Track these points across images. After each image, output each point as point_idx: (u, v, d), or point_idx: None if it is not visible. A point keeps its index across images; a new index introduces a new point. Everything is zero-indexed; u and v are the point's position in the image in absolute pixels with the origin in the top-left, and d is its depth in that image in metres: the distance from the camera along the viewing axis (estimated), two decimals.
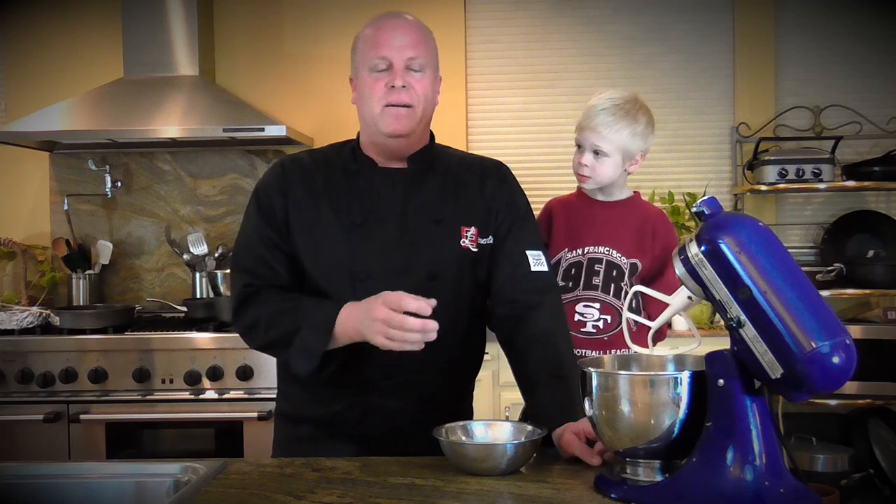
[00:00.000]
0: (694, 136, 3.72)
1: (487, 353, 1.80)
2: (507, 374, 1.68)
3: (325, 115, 3.66)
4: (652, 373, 1.29)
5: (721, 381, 1.17)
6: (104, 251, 3.63)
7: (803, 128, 3.65)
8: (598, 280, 1.97)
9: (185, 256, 3.56)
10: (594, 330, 1.96)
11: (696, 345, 1.30)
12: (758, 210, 3.64)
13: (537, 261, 1.68)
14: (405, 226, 1.64)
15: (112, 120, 3.26)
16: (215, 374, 2.96)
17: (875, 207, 3.65)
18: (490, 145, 3.69)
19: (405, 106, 1.60)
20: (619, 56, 3.72)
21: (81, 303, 3.52)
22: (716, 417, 1.18)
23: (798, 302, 1.12)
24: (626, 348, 1.92)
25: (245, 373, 2.95)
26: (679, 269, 1.23)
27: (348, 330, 1.50)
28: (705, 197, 1.23)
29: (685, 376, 1.20)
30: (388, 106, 1.60)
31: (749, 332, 1.14)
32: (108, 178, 3.62)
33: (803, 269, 1.19)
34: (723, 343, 1.19)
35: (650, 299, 1.35)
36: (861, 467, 3.17)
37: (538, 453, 1.41)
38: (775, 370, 1.12)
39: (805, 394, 1.13)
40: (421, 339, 1.41)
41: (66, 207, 3.63)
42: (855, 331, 3.18)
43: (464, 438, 1.45)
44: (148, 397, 2.98)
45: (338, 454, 1.52)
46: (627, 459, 1.27)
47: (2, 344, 3.00)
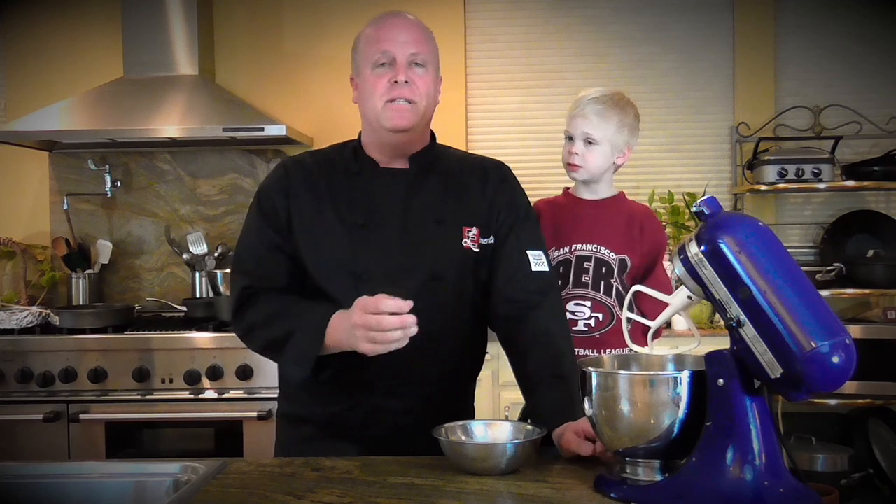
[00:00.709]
0: (694, 136, 3.72)
1: (487, 353, 1.80)
2: (507, 374, 1.68)
3: (325, 115, 3.66)
4: (652, 372, 1.29)
5: (721, 381, 1.17)
6: (104, 251, 3.63)
7: (803, 128, 3.65)
8: (588, 278, 1.97)
9: (185, 256, 3.56)
10: (586, 328, 1.96)
11: (696, 345, 1.30)
12: (757, 210, 3.64)
13: (538, 261, 1.68)
14: (407, 226, 1.64)
15: (112, 119, 3.26)
16: (215, 374, 2.96)
17: (875, 207, 3.65)
18: (490, 145, 3.69)
19: (408, 101, 1.60)
20: (619, 56, 3.72)
21: (81, 302, 3.52)
22: (715, 417, 1.18)
23: (798, 302, 1.12)
24: (619, 346, 1.94)
25: (245, 372, 2.95)
26: (679, 269, 1.23)
27: (336, 339, 1.49)
28: (705, 197, 1.23)
29: (685, 376, 1.20)
30: (391, 101, 1.60)
31: (749, 332, 1.14)
32: (108, 178, 3.63)
33: (803, 269, 1.19)
34: (723, 343, 1.19)
35: (644, 298, 1.34)
36: (861, 467, 3.17)
37: (538, 453, 1.41)
38: (775, 370, 1.12)
39: (805, 393, 1.13)
40: (403, 336, 1.40)
41: (66, 207, 3.63)
42: (855, 331, 3.18)
43: (464, 438, 1.45)
44: (148, 397, 2.98)
45: (340, 455, 1.52)
46: (627, 459, 1.27)
47: (1, 343, 3.00)
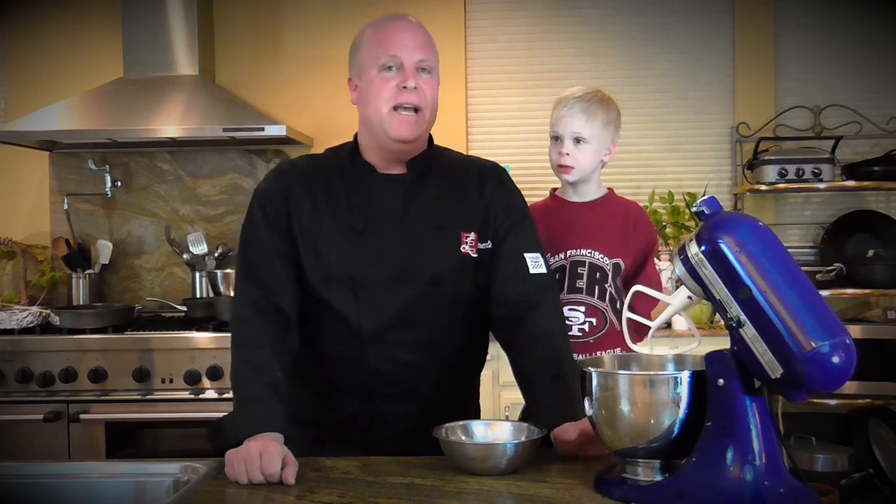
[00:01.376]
0: (694, 136, 3.72)
1: (488, 354, 1.80)
2: (507, 374, 1.68)
3: (325, 115, 3.66)
4: (652, 372, 1.29)
5: (721, 381, 1.17)
6: (104, 251, 3.63)
7: (803, 128, 3.65)
8: (582, 283, 1.97)
9: (185, 256, 3.56)
10: (580, 333, 1.96)
11: (696, 345, 1.30)
12: (758, 210, 3.64)
13: (535, 263, 1.67)
14: (405, 232, 1.63)
15: (112, 119, 3.26)
16: (215, 374, 2.96)
17: (875, 207, 3.65)
18: (490, 145, 3.69)
19: (414, 109, 1.60)
20: (619, 56, 3.72)
21: (81, 302, 3.52)
22: (715, 417, 1.18)
23: (798, 301, 1.12)
24: (612, 350, 1.94)
25: None
26: (679, 269, 1.23)
27: (237, 448, 1.42)
28: (705, 197, 1.23)
29: (685, 376, 1.20)
30: (397, 108, 1.59)
31: (749, 332, 1.14)
32: (108, 178, 3.63)
33: (803, 269, 1.19)
34: (723, 343, 1.19)
35: (637, 297, 1.34)
36: (861, 467, 3.17)
37: (538, 453, 1.41)
38: (775, 370, 1.12)
39: (805, 393, 1.13)
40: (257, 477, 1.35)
41: (66, 207, 3.63)
42: (855, 331, 3.18)
43: (464, 438, 1.45)
44: (148, 397, 2.98)
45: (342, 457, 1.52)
46: (627, 459, 1.27)
47: (2, 343, 3.00)
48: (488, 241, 1.67)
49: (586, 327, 1.97)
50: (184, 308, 3.46)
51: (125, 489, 1.45)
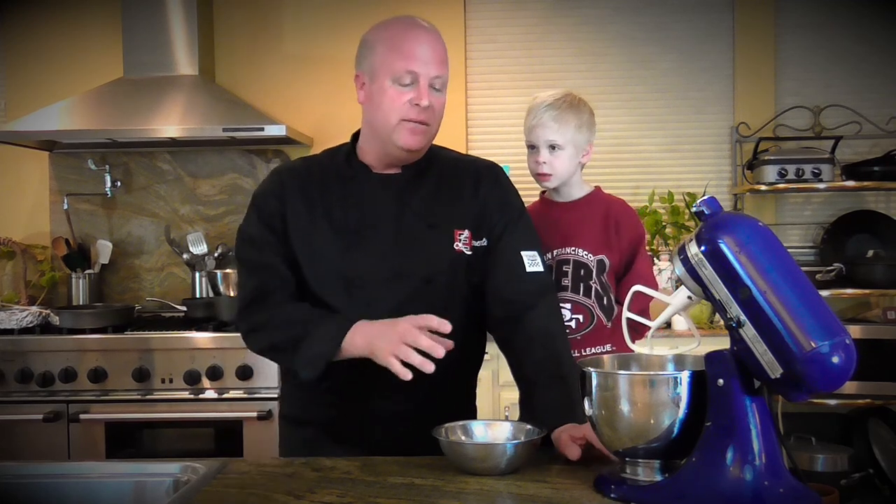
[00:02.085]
0: (694, 136, 3.72)
1: (487, 353, 1.80)
2: (507, 374, 1.67)
3: (325, 115, 3.66)
4: (652, 372, 1.29)
5: (721, 381, 1.17)
6: (104, 251, 3.63)
7: (803, 128, 3.65)
8: (567, 280, 2.00)
9: (185, 256, 3.56)
10: (567, 330, 1.97)
11: (696, 345, 1.31)
12: (757, 210, 3.64)
13: (532, 261, 1.67)
14: (399, 231, 1.64)
15: (112, 119, 3.26)
16: (215, 374, 2.96)
17: (875, 207, 3.65)
18: (490, 145, 3.69)
19: (424, 124, 1.61)
20: (619, 56, 3.71)
21: (81, 302, 3.52)
22: (715, 417, 1.18)
23: (797, 302, 1.12)
24: (600, 345, 1.97)
25: (245, 372, 2.95)
26: (679, 269, 1.23)
27: (357, 344, 1.51)
28: (705, 197, 1.23)
29: (685, 376, 1.20)
30: (406, 121, 1.59)
31: (749, 332, 1.14)
32: (108, 178, 3.63)
33: (803, 269, 1.19)
34: (723, 343, 1.19)
35: (635, 295, 1.35)
36: (861, 467, 3.17)
37: (538, 453, 1.41)
38: (775, 370, 1.12)
39: (805, 393, 1.13)
40: (420, 363, 1.41)
41: (66, 207, 3.63)
42: (855, 331, 3.18)
43: (463, 438, 1.45)
44: (147, 397, 2.98)
45: (342, 457, 1.52)
46: (627, 459, 1.27)
47: (1, 343, 3.00)
48: (483, 239, 1.67)
49: (573, 324, 1.99)
50: (184, 308, 3.46)
51: (125, 489, 1.45)
